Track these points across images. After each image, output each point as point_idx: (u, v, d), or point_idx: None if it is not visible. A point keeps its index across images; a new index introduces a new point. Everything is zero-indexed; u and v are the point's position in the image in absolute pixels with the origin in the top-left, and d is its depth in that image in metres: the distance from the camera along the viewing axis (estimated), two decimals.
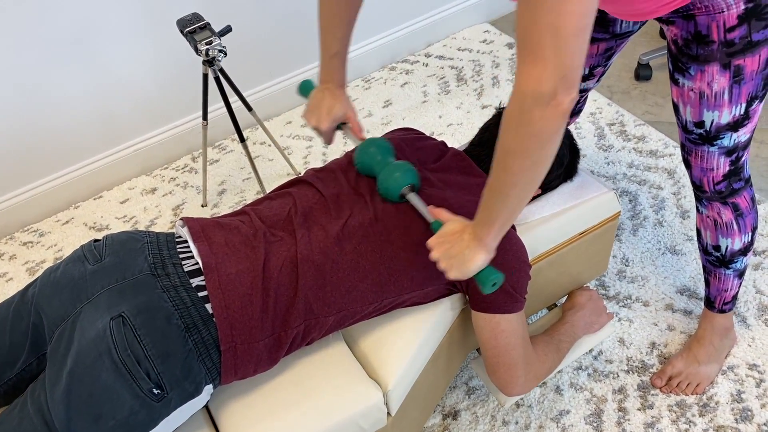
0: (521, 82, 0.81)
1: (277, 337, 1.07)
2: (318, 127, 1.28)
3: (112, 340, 0.96)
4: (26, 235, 2.14)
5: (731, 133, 1.21)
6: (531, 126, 0.82)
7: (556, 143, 0.86)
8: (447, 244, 1.03)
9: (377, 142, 1.23)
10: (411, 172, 1.16)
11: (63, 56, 1.96)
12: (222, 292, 1.03)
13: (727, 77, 1.14)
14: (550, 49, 0.77)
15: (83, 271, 1.05)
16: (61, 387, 0.95)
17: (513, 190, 0.92)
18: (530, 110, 0.81)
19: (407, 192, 1.15)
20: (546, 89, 0.79)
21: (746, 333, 1.61)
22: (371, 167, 1.20)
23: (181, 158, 2.34)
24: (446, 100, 2.41)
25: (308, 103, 1.30)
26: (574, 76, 0.80)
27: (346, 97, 1.30)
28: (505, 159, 0.89)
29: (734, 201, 1.33)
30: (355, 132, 1.29)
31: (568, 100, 0.81)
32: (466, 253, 1.00)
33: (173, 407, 1.00)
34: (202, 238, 1.10)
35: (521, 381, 1.23)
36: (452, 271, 1.02)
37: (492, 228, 0.98)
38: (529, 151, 0.86)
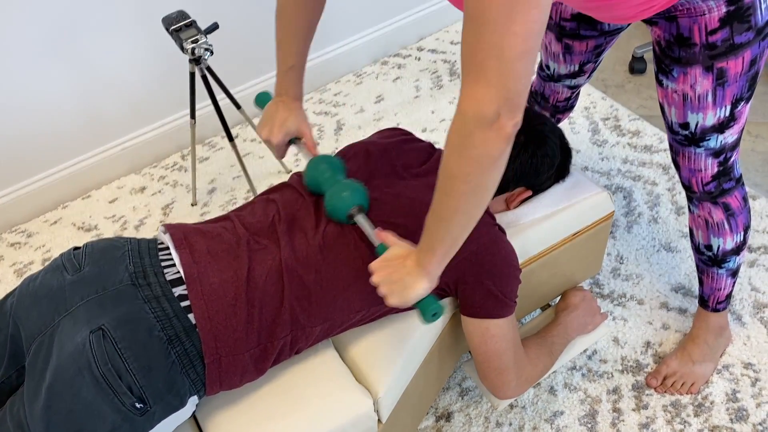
0: (464, 103, 0.78)
1: (263, 348, 1.05)
2: (269, 140, 1.24)
3: (92, 354, 0.94)
4: (14, 236, 2.11)
5: (717, 135, 1.19)
6: (474, 149, 0.80)
7: (499, 168, 0.83)
8: (389, 269, 0.98)
9: (328, 159, 1.18)
10: (359, 192, 1.12)
11: (49, 54, 1.92)
12: (205, 303, 1.01)
13: (710, 80, 1.12)
14: (493, 70, 0.75)
15: (62, 282, 1.02)
16: (40, 403, 0.92)
17: (455, 216, 0.89)
18: (472, 133, 0.78)
19: (355, 213, 1.10)
20: (489, 112, 0.76)
21: (741, 331, 1.60)
22: (320, 185, 1.15)
23: (170, 156, 2.31)
24: (439, 95, 2.38)
25: (262, 115, 1.27)
26: (519, 100, 0.78)
27: (301, 111, 1.26)
28: (447, 183, 0.86)
29: (725, 201, 1.31)
30: (308, 147, 1.25)
31: (512, 124, 0.78)
32: (407, 280, 0.96)
33: (157, 420, 0.98)
34: (185, 246, 1.07)
35: (513, 385, 1.22)
36: (392, 297, 0.98)
37: (435, 255, 0.94)
38: (470, 175, 0.83)
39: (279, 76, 1.24)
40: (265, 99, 1.31)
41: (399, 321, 1.20)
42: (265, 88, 2.37)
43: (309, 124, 1.27)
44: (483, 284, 1.12)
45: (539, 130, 1.26)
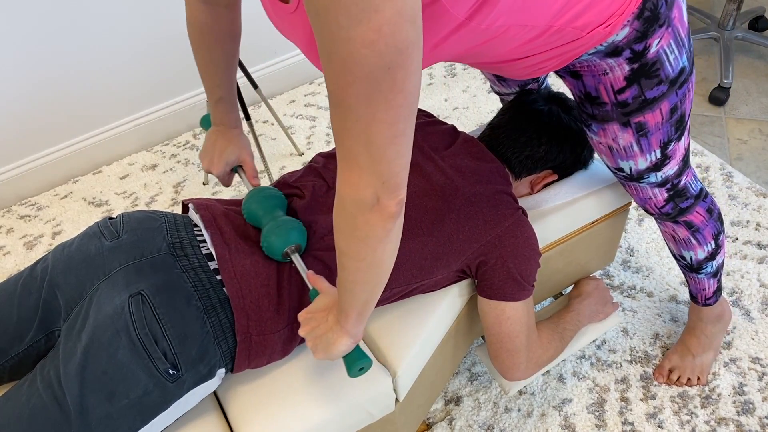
0: (341, 187, 0.75)
1: (291, 329, 1.06)
2: (209, 170, 1.22)
3: (130, 317, 0.94)
4: (24, 208, 2.11)
5: (655, 173, 1.18)
6: (358, 231, 0.77)
7: (391, 242, 0.80)
8: (314, 322, 0.96)
9: (268, 191, 1.14)
10: (297, 231, 1.07)
11: (62, 28, 1.92)
12: (239, 283, 1.02)
13: (630, 133, 1.09)
14: (363, 157, 0.70)
15: (100, 247, 1.03)
16: (76, 363, 0.93)
17: (357, 287, 0.86)
18: (353, 216, 0.76)
19: (291, 252, 1.06)
20: (366, 196, 0.73)
21: (749, 326, 1.62)
22: (258, 218, 1.11)
23: (182, 135, 2.31)
24: (452, 83, 2.39)
25: (203, 144, 1.23)
26: (397, 180, 0.73)
27: (240, 139, 1.23)
28: (341, 259, 0.84)
29: (686, 219, 1.30)
30: (249, 177, 1.23)
31: (394, 203, 0.74)
32: (330, 336, 0.94)
33: (186, 389, 0.99)
34: (215, 228, 1.08)
35: (522, 367, 1.23)
36: (317, 352, 0.96)
37: (349, 317, 0.92)
38: (360, 253, 0.80)
39: (211, 107, 1.20)
40: (208, 122, 1.28)
41: (419, 301, 1.21)
42: (279, 71, 2.37)
43: (250, 152, 1.24)
44: (504, 266, 1.13)
45: (573, 115, 1.27)
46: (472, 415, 1.51)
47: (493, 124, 1.33)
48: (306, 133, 2.26)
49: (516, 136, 1.26)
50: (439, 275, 1.17)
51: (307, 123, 2.30)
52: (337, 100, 0.67)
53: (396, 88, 0.65)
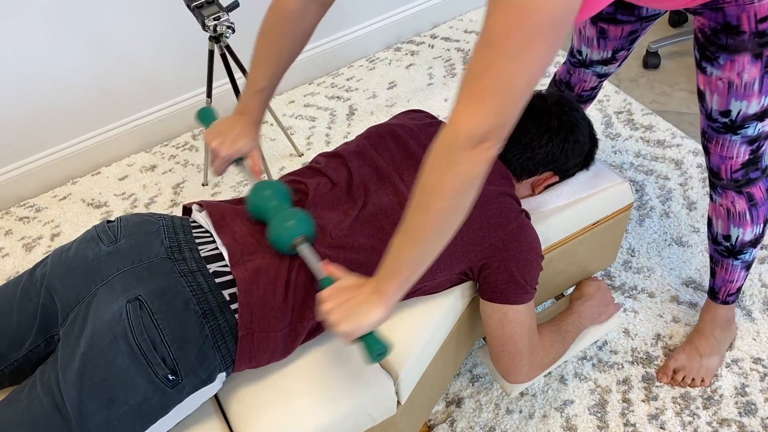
0: (458, 120, 0.79)
1: (293, 328, 1.05)
2: (217, 150, 1.17)
3: (128, 323, 0.94)
4: (22, 210, 2.10)
5: (757, 123, 1.20)
6: (459, 166, 0.81)
7: (476, 189, 0.84)
8: (343, 296, 0.93)
9: (273, 185, 1.12)
10: (305, 222, 1.06)
11: (63, 27, 1.91)
12: (249, 277, 1.02)
13: (758, 67, 1.12)
14: (498, 98, 0.76)
15: (97, 252, 1.02)
16: (74, 370, 0.92)
17: (428, 235, 0.87)
18: (460, 149, 0.79)
19: (299, 243, 1.04)
20: (480, 132, 0.78)
21: (751, 327, 1.61)
22: (264, 212, 1.09)
23: (182, 135, 2.30)
24: (452, 84, 2.38)
25: (216, 124, 1.20)
26: (508, 128, 0.80)
27: (257, 136, 1.22)
28: (426, 199, 0.85)
29: (749, 191, 1.32)
30: (253, 170, 1.21)
31: (495, 149, 0.80)
32: (363, 307, 0.91)
33: (186, 394, 0.98)
34: (225, 227, 1.08)
35: (525, 369, 1.23)
36: (344, 323, 0.91)
37: (397, 279, 0.91)
38: (451, 192, 0.83)
39: (245, 96, 1.19)
40: (209, 116, 1.26)
41: (420, 304, 1.20)
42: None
43: (261, 151, 1.23)
44: (507, 270, 1.12)
45: (573, 116, 1.26)
46: (473, 417, 1.50)
47: None
48: (305, 134, 2.25)
49: (517, 137, 1.25)
50: (442, 277, 1.16)
51: (307, 123, 2.29)
52: (493, 39, 0.73)
53: (551, 42, 0.73)
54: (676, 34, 2.37)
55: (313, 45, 2.40)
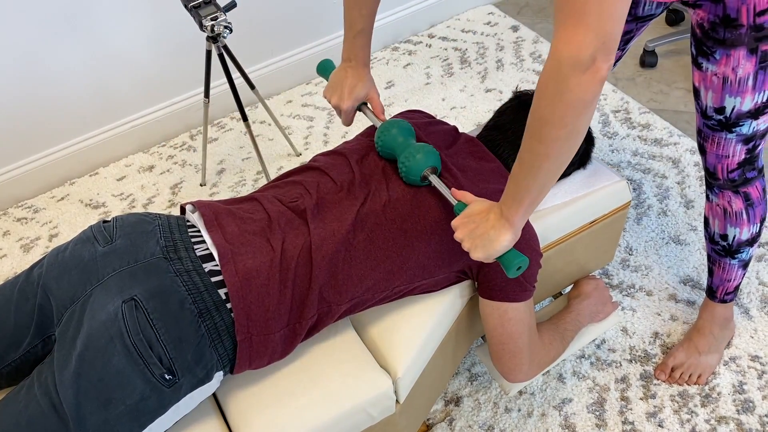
0: (560, 47, 0.78)
1: (292, 328, 1.05)
2: (339, 106, 1.25)
3: (124, 323, 0.94)
4: (20, 211, 2.10)
5: (751, 121, 1.20)
6: (569, 93, 0.80)
7: (592, 111, 0.83)
8: (472, 224, 1.00)
9: (399, 123, 1.19)
10: (433, 154, 1.13)
11: (59, 28, 1.91)
12: (240, 281, 1.01)
13: (753, 62, 1.12)
14: (593, 14, 0.75)
15: (93, 253, 1.02)
16: (71, 370, 0.92)
17: (546, 163, 0.89)
18: (568, 77, 0.78)
19: (429, 174, 1.12)
20: (586, 55, 0.76)
21: (749, 324, 1.62)
22: (392, 148, 1.17)
23: (179, 136, 2.30)
24: (449, 83, 2.38)
25: (329, 81, 1.27)
26: (614, 43, 0.78)
27: (369, 77, 1.27)
28: (540, 129, 0.86)
29: (746, 190, 1.32)
30: (376, 113, 1.26)
31: (606, 66, 0.78)
32: (492, 234, 0.97)
33: (183, 393, 0.98)
34: (216, 227, 1.07)
35: (525, 368, 1.23)
36: (477, 251, 0.99)
37: (521, 206, 0.95)
38: (565, 119, 0.82)
39: (347, 41, 1.23)
40: (328, 67, 1.32)
41: (419, 302, 1.20)
42: (277, 70, 2.36)
43: (377, 90, 1.28)
44: None
45: None
46: (472, 416, 1.51)
47: (489, 125, 1.32)
48: (303, 134, 2.25)
49: (512, 139, 1.25)
50: (440, 275, 1.16)
51: (305, 123, 2.29)
52: None
53: None
54: (673, 32, 2.37)
55: (311, 45, 2.40)
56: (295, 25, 2.31)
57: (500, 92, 2.32)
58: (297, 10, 2.28)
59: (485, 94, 2.33)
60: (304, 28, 2.35)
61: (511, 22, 2.64)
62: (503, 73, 2.40)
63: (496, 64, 2.44)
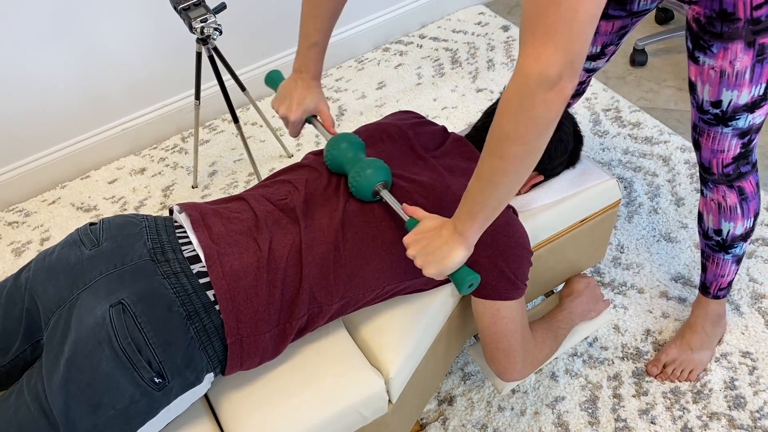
0: (527, 64, 0.78)
1: (282, 328, 1.05)
2: (286, 116, 1.24)
3: (112, 327, 0.93)
4: (11, 215, 2.09)
5: (747, 114, 1.20)
6: (532, 110, 0.80)
7: (551, 131, 0.84)
8: (424, 241, 0.99)
9: (348, 137, 1.18)
10: (383, 169, 1.12)
11: (50, 31, 1.90)
12: (227, 284, 1.01)
13: (750, 56, 1.13)
14: (563, 33, 0.75)
15: (80, 256, 1.02)
16: (59, 376, 0.92)
17: (504, 179, 0.89)
18: (533, 94, 0.78)
19: (380, 189, 1.10)
20: (553, 73, 0.77)
21: (739, 321, 1.62)
22: (342, 164, 1.15)
23: (171, 138, 2.30)
24: (441, 83, 2.39)
25: (278, 92, 1.26)
26: (580, 63, 0.78)
27: (319, 90, 1.26)
28: (500, 145, 0.86)
29: (740, 185, 1.33)
30: (326, 126, 1.25)
31: (571, 86, 0.79)
32: (445, 249, 0.97)
33: (174, 396, 0.98)
34: (202, 227, 1.07)
35: (519, 367, 1.23)
36: (429, 267, 0.98)
37: (475, 221, 0.94)
38: (527, 136, 0.83)
39: (300, 53, 1.23)
40: (276, 77, 1.31)
41: (410, 302, 1.20)
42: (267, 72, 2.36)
43: (327, 103, 1.27)
44: (497, 266, 1.13)
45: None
46: (465, 415, 1.51)
47: (477, 126, 1.32)
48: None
49: None
50: None
51: None
52: None
53: None
54: (663, 31, 2.38)
55: None
56: (285, 26, 2.31)
57: (491, 92, 2.33)
58: (286, 11, 2.28)
59: (476, 94, 2.33)
60: (293, 30, 2.33)
61: (502, 22, 2.64)
62: (494, 73, 2.41)
63: (486, 64, 2.45)
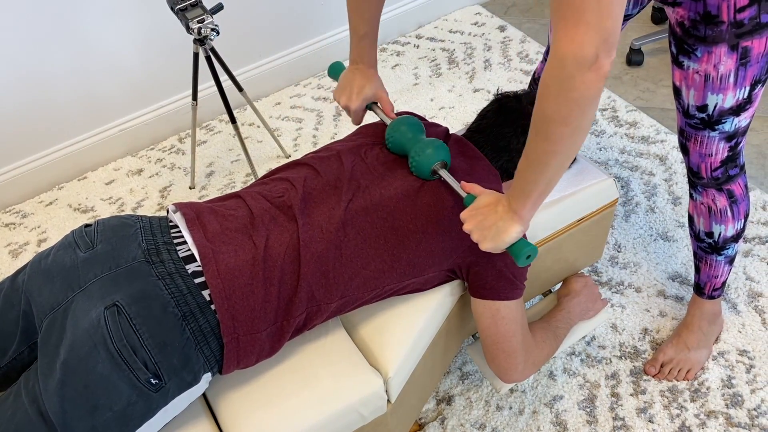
0: (562, 46, 0.79)
1: (279, 326, 1.05)
2: (348, 106, 1.29)
3: (107, 329, 0.93)
4: (8, 216, 2.09)
5: (733, 118, 1.21)
6: (573, 91, 0.81)
7: (596, 107, 0.85)
8: (480, 216, 1.02)
9: (408, 120, 1.23)
10: (443, 149, 1.16)
11: (46, 32, 1.90)
12: (222, 282, 1.01)
13: (734, 59, 1.13)
14: (592, 11, 0.76)
15: (75, 259, 1.01)
16: (55, 379, 0.92)
17: (553, 159, 0.90)
18: (572, 75, 0.79)
19: (439, 168, 1.15)
20: (588, 53, 0.78)
21: (736, 319, 1.63)
22: (402, 145, 1.20)
23: (168, 139, 2.29)
24: (438, 83, 2.39)
25: (339, 83, 1.31)
26: (614, 39, 0.79)
27: (377, 77, 1.30)
28: (546, 127, 0.87)
29: (729, 188, 1.34)
30: (386, 111, 1.29)
31: (609, 62, 0.79)
32: (501, 225, 0.99)
33: (171, 397, 0.98)
34: (197, 226, 1.06)
35: (520, 368, 1.23)
36: (485, 242, 1.01)
37: (528, 199, 0.97)
38: (570, 117, 0.84)
39: (353, 45, 1.27)
40: (338, 69, 1.36)
41: (409, 301, 1.21)
42: (264, 73, 2.36)
43: (385, 90, 1.31)
44: (495, 266, 1.13)
45: None
46: (464, 414, 1.51)
47: (472, 128, 1.32)
48: (292, 135, 2.25)
49: (494, 141, 1.26)
50: (431, 272, 1.16)
51: (293, 125, 2.29)
52: None
53: None
54: (658, 31, 2.39)
55: (299, 46, 2.40)
56: (283, 26, 2.31)
57: (488, 92, 2.33)
58: (284, 11, 2.28)
59: (473, 94, 2.33)
60: (291, 30, 2.35)
61: (499, 22, 2.65)
62: (491, 73, 2.41)
63: (483, 64, 2.45)
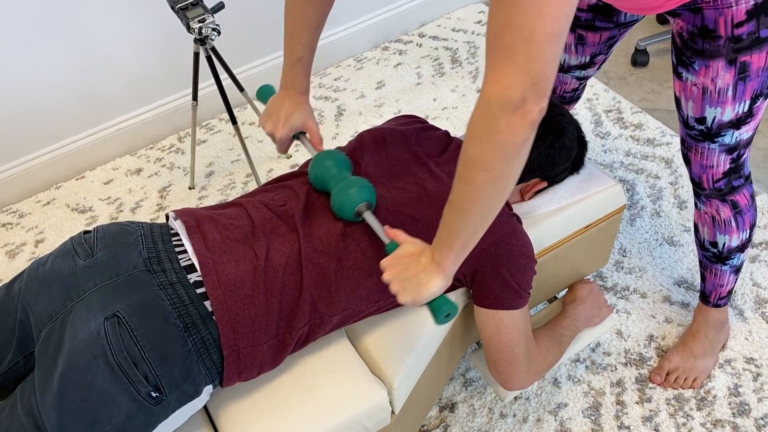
0: (488, 87, 0.74)
1: (281, 338, 1.02)
2: (273, 133, 1.21)
3: (107, 341, 0.91)
4: (5, 216, 2.06)
5: (733, 131, 1.19)
6: (496, 135, 0.76)
7: (522, 156, 0.79)
8: (401, 266, 0.94)
9: (334, 155, 1.15)
10: (367, 189, 1.08)
11: (45, 30, 1.87)
12: (223, 293, 0.98)
13: (732, 73, 1.11)
14: (521, 53, 0.71)
15: (73, 267, 0.99)
16: (53, 391, 0.89)
17: (474, 207, 0.85)
18: (496, 118, 0.75)
19: (363, 210, 1.07)
20: (514, 95, 0.73)
21: (743, 326, 1.61)
22: (325, 182, 1.12)
23: (167, 138, 2.27)
24: (441, 83, 2.36)
25: (266, 108, 1.24)
26: (546, 85, 0.74)
27: (307, 106, 1.23)
28: (468, 171, 0.82)
29: (733, 198, 1.31)
30: (314, 143, 1.22)
31: (538, 109, 0.74)
32: (422, 277, 0.92)
33: (172, 410, 0.96)
34: (197, 235, 1.04)
35: (523, 376, 1.21)
36: (404, 295, 0.93)
37: (452, 250, 0.90)
38: (493, 162, 0.79)
39: (286, 68, 1.20)
40: (267, 92, 1.28)
41: (413, 312, 1.18)
42: (266, 71, 2.33)
43: (315, 120, 1.24)
44: (500, 275, 1.11)
45: (558, 122, 1.24)
46: (467, 422, 1.49)
47: None
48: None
49: None
50: None
51: None
52: None
53: None
54: (664, 31, 2.36)
55: None
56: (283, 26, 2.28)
57: None
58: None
59: (477, 94, 2.31)
60: None
61: None
62: None
63: None
